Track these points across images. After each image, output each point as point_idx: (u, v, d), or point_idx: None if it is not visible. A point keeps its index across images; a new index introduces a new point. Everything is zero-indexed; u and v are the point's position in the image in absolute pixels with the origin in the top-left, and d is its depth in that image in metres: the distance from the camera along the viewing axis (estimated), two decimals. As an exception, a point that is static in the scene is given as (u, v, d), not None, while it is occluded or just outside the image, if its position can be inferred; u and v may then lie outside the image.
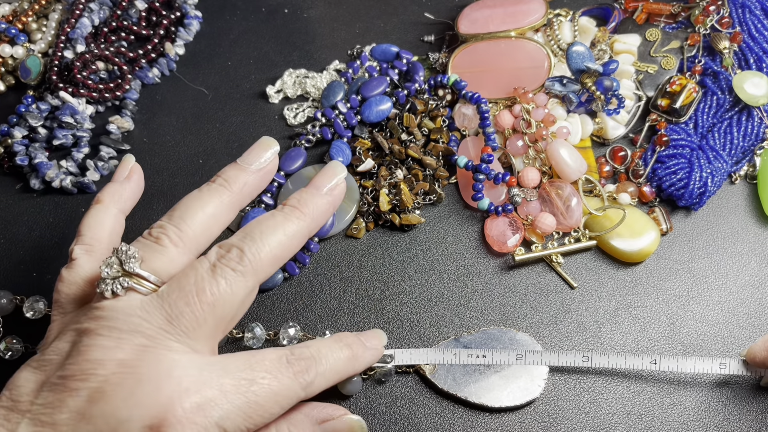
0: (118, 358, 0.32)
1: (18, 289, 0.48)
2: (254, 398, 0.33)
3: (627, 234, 0.48)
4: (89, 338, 0.33)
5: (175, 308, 0.33)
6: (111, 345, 0.32)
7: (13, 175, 0.54)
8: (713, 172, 0.49)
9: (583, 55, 0.52)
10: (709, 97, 0.52)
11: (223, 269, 0.35)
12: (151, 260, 0.36)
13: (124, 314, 0.33)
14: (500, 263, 0.49)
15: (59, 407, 0.31)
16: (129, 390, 0.31)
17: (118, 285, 0.34)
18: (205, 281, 0.34)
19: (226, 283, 0.34)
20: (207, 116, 0.56)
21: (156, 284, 0.35)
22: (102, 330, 0.33)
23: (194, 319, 0.33)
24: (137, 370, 0.31)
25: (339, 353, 0.38)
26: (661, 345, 0.45)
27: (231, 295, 0.34)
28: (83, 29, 0.57)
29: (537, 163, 0.51)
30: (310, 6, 0.62)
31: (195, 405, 0.31)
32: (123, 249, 0.35)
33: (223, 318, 0.34)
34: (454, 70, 0.54)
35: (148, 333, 0.33)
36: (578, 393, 0.44)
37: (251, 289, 0.36)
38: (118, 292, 0.34)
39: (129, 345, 0.32)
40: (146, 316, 0.33)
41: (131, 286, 0.34)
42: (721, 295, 0.47)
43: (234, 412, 0.32)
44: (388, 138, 0.52)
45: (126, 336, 0.32)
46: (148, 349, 0.32)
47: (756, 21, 0.54)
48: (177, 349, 0.33)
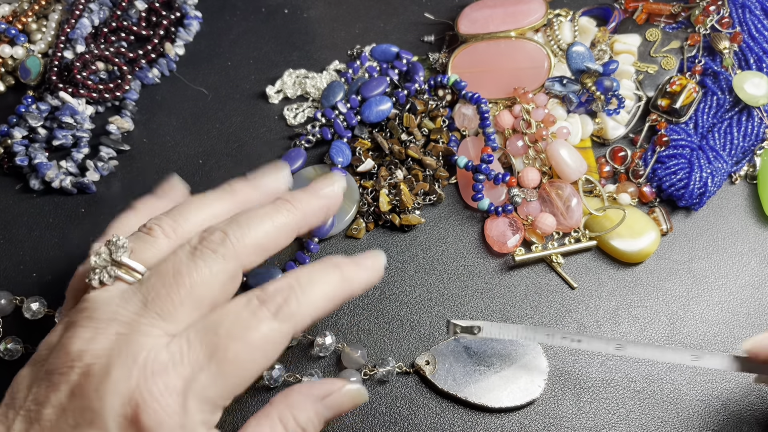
0: (94, 348, 0.31)
1: (18, 290, 0.48)
2: (230, 359, 0.32)
3: (627, 234, 0.48)
4: (71, 330, 0.32)
5: (152, 291, 0.33)
6: (89, 336, 0.32)
7: (13, 175, 0.54)
8: (713, 172, 0.49)
9: (583, 56, 0.52)
10: (709, 97, 0.52)
11: (203, 251, 0.34)
12: (140, 251, 0.35)
13: (104, 303, 0.33)
14: (500, 263, 0.49)
15: (44, 403, 0.31)
16: (100, 380, 0.31)
17: (105, 274, 0.34)
18: (183, 264, 0.33)
19: (204, 264, 0.33)
20: (207, 116, 0.56)
21: (143, 274, 0.34)
22: (83, 321, 0.32)
23: (170, 301, 0.32)
24: (109, 360, 0.31)
25: (325, 276, 0.35)
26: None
27: (210, 276, 0.33)
28: (83, 29, 0.57)
29: (537, 163, 0.51)
30: (310, 6, 0.62)
31: (165, 385, 0.31)
32: (113, 239, 0.35)
33: (202, 301, 0.33)
34: (454, 71, 0.54)
35: (124, 320, 0.32)
36: (578, 393, 0.44)
37: (232, 274, 0.34)
38: (106, 282, 0.34)
39: (105, 334, 0.32)
40: (123, 303, 0.33)
41: (118, 275, 0.34)
42: (722, 296, 0.47)
43: (210, 380, 0.31)
44: (388, 138, 0.52)
45: (103, 325, 0.32)
46: (122, 337, 0.32)
47: (756, 21, 0.54)
48: (150, 333, 0.32)
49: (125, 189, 0.53)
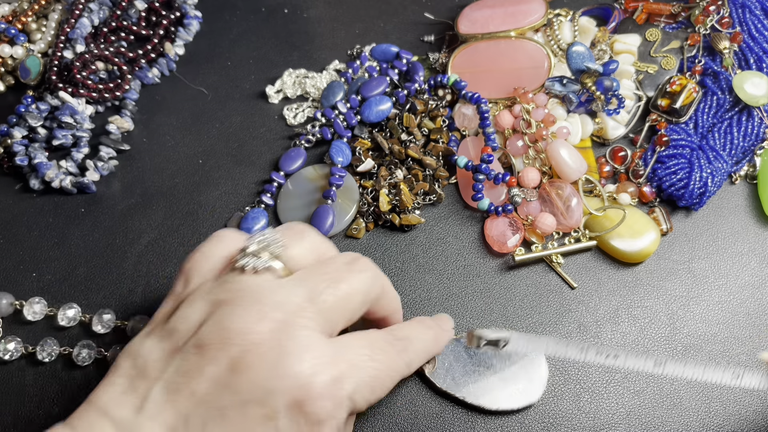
0: (260, 330, 0.32)
1: (17, 290, 0.48)
2: (375, 372, 0.34)
3: (627, 234, 0.48)
4: (228, 308, 0.33)
5: (316, 291, 0.35)
6: (251, 317, 0.33)
7: (13, 175, 0.54)
8: (713, 172, 0.49)
9: (583, 55, 0.52)
10: (709, 97, 0.52)
11: (358, 264, 0.37)
12: (290, 247, 0.37)
13: (266, 290, 0.34)
14: (500, 263, 0.49)
15: (196, 376, 0.32)
16: (274, 362, 0.32)
17: (261, 263, 0.35)
18: (343, 273, 0.36)
19: (360, 277, 0.36)
20: (207, 116, 0.56)
21: (287, 271, 0.36)
22: (242, 302, 0.33)
23: (332, 302, 0.35)
24: (280, 344, 0.32)
25: (425, 335, 0.40)
26: (661, 345, 0.45)
27: (359, 293, 0.36)
28: (83, 29, 0.57)
29: (537, 163, 0.51)
30: (309, 6, 0.62)
31: (331, 379, 0.32)
32: (269, 233, 0.37)
33: (346, 312, 0.36)
34: (454, 70, 0.54)
35: (288, 309, 0.33)
36: (578, 393, 0.44)
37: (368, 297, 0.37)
38: (259, 269, 0.35)
39: (270, 319, 0.33)
40: (288, 295, 0.34)
41: (270, 266, 0.35)
42: (722, 296, 0.47)
43: (361, 385, 0.34)
44: (388, 138, 0.52)
45: (267, 310, 0.33)
46: (287, 325, 0.33)
47: (756, 21, 0.54)
48: (312, 327, 0.34)
49: (125, 189, 0.53)
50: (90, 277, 0.49)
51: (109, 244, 0.50)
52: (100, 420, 0.32)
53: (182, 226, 0.51)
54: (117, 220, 0.51)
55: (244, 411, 0.31)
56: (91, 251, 0.50)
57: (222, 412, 0.31)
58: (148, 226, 0.51)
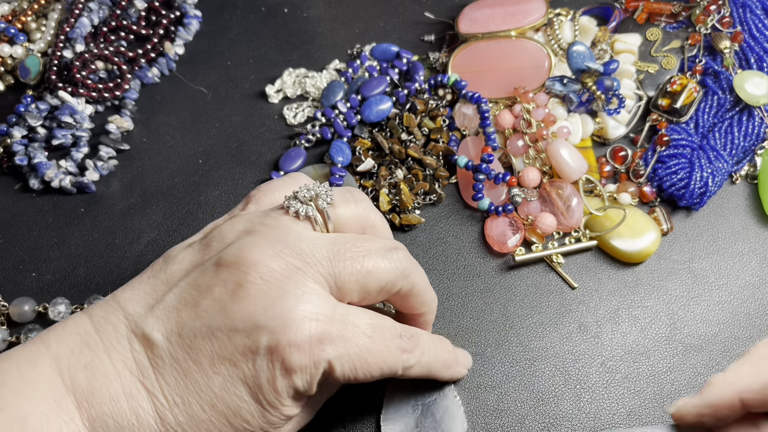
0: (271, 266, 0.33)
1: (17, 290, 0.48)
2: (366, 353, 0.35)
3: (627, 234, 0.48)
4: (254, 238, 0.35)
5: (341, 254, 0.35)
6: (270, 252, 0.34)
7: (13, 175, 0.54)
8: (714, 172, 0.49)
9: (583, 55, 0.52)
10: (709, 96, 0.52)
11: (394, 253, 0.37)
12: (339, 207, 0.38)
13: (296, 235, 0.35)
14: (500, 263, 0.49)
15: (205, 292, 0.34)
16: (271, 300, 0.33)
17: (304, 210, 0.36)
18: (375, 252, 0.36)
19: (389, 265, 0.36)
20: (206, 116, 0.56)
21: (329, 228, 0.37)
22: (269, 236, 0.35)
23: (350, 271, 0.35)
24: (283, 285, 0.33)
25: (438, 353, 0.40)
26: (661, 345, 0.45)
27: (385, 274, 0.36)
28: (82, 29, 0.57)
29: (537, 163, 0.51)
30: (309, 5, 0.62)
31: (317, 335, 0.33)
32: (324, 187, 0.37)
33: (364, 290, 0.36)
34: (454, 70, 0.54)
35: (307, 260, 0.34)
36: (578, 393, 0.44)
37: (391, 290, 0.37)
38: (300, 216, 0.36)
39: (285, 260, 0.34)
40: (313, 246, 0.35)
41: (313, 216, 0.36)
42: (722, 296, 0.47)
43: (346, 357, 0.34)
44: (388, 138, 0.52)
45: (287, 252, 0.34)
46: (299, 272, 0.34)
47: (757, 21, 0.53)
48: (322, 283, 0.34)
49: (125, 188, 0.53)
50: (90, 277, 0.49)
51: (108, 244, 0.50)
52: (115, 311, 0.35)
53: (182, 226, 0.51)
54: (117, 220, 0.51)
55: (231, 337, 0.33)
56: (90, 251, 0.50)
57: (212, 332, 0.33)
58: (147, 226, 0.51)
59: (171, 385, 0.33)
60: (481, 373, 0.44)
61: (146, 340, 0.34)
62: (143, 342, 0.34)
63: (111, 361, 0.33)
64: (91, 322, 0.35)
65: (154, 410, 0.33)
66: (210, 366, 0.33)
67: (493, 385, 0.44)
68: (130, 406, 0.33)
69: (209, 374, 0.33)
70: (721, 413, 0.35)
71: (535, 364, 0.45)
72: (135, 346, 0.34)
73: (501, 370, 0.45)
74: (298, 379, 0.33)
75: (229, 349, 0.33)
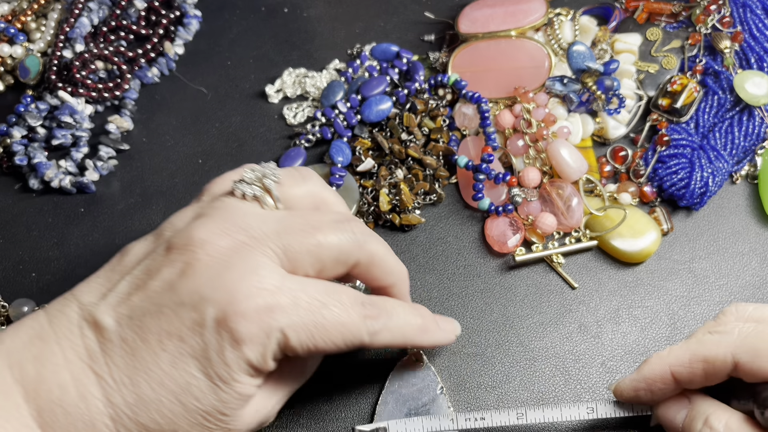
0: (219, 243, 0.34)
1: (16, 290, 0.48)
2: (322, 320, 0.34)
3: (628, 234, 0.48)
4: (202, 220, 0.35)
5: (289, 228, 0.35)
6: (217, 231, 0.34)
7: (12, 175, 0.54)
8: (714, 172, 0.49)
9: (583, 55, 0.52)
10: (710, 96, 0.52)
11: (345, 225, 0.37)
12: (287, 186, 0.38)
13: (241, 212, 0.35)
14: (500, 263, 0.49)
15: (155, 274, 0.34)
16: (216, 273, 0.33)
17: (250, 190, 0.37)
18: (325, 224, 0.36)
19: (341, 235, 0.36)
20: (206, 116, 0.56)
21: (278, 207, 0.37)
22: (216, 216, 0.35)
23: (299, 243, 0.35)
24: (229, 259, 0.33)
25: (410, 318, 0.39)
26: (662, 346, 0.45)
27: (337, 244, 0.36)
28: (82, 29, 0.57)
29: (537, 162, 0.51)
30: (309, 5, 0.62)
31: (266, 305, 0.33)
32: (271, 167, 0.38)
33: (318, 262, 0.36)
34: (454, 70, 0.54)
35: (254, 234, 0.34)
36: (578, 393, 0.44)
37: (350, 263, 0.37)
38: (248, 196, 0.37)
39: (232, 237, 0.34)
40: (259, 222, 0.35)
41: (260, 196, 0.37)
42: (722, 296, 0.47)
43: (300, 325, 0.34)
44: (388, 138, 0.52)
45: (233, 229, 0.34)
46: (246, 246, 0.34)
47: (757, 20, 0.53)
48: (270, 257, 0.34)
49: (124, 188, 0.53)
50: (89, 277, 0.49)
51: (108, 244, 0.50)
52: (70, 303, 0.35)
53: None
54: (116, 220, 0.51)
55: (178, 312, 0.33)
56: (90, 251, 0.50)
57: (160, 309, 0.33)
58: (147, 225, 0.51)
59: (119, 366, 0.33)
60: (481, 373, 0.44)
61: (97, 325, 0.34)
62: (95, 328, 0.34)
63: (61, 350, 0.33)
64: (46, 316, 0.35)
65: (102, 394, 0.33)
66: (158, 343, 0.33)
67: (493, 385, 0.44)
68: (78, 392, 0.33)
69: (157, 351, 0.33)
70: (655, 387, 0.37)
71: (535, 364, 0.45)
72: (87, 333, 0.34)
73: (501, 370, 0.45)
74: (249, 350, 0.33)
75: (177, 325, 0.33)
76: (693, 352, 0.36)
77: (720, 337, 0.36)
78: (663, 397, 0.38)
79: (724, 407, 0.36)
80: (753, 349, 0.34)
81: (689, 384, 0.37)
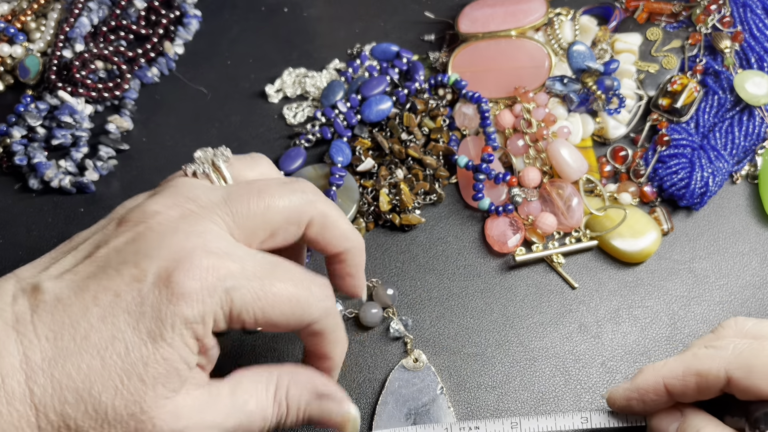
0: (169, 214, 0.34)
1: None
2: (271, 287, 0.33)
3: (628, 234, 0.48)
4: (153, 197, 0.36)
5: (235, 194, 0.35)
6: (168, 203, 0.35)
7: (12, 175, 0.54)
8: (714, 171, 0.49)
9: (584, 55, 0.52)
10: (710, 96, 0.52)
11: (293, 186, 0.37)
12: (237, 167, 0.38)
13: (191, 186, 0.36)
14: (501, 263, 0.48)
15: (103, 245, 0.34)
16: (162, 235, 0.33)
17: (200, 168, 0.38)
18: (272, 185, 0.36)
19: (289, 195, 0.36)
20: (206, 116, 0.56)
21: (228, 183, 0.38)
22: (166, 192, 0.36)
23: (247, 208, 0.35)
24: (177, 225, 0.33)
25: None
26: (662, 346, 0.45)
27: (283, 209, 0.36)
28: (82, 28, 0.57)
29: (538, 162, 0.51)
30: (309, 5, 0.62)
31: (212, 265, 0.32)
32: (221, 150, 0.39)
33: (268, 225, 0.36)
34: (454, 70, 0.54)
35: (202, 204, 0.35)
36: (578, 393, 0.44)
37: (299, 222, 0.37)
38: (198, 175, 0.37)
39: (181, 207, 0.34)
40: (207, 192, 0.35)
41: (208, 174, 0.37)
42: (723, 296, 0.47)
43: (247, 289, 0.33)
44: (388, 138, 0.52)
45: (182, 200, 0.35)
46: (194, 214, 0.34)
47: (757, 20, 0.53)
48: (219, 224, 0.34)
49: (124, 188, 0.53)
50: (89, 277, 0.49)
51: (108, 244, 0.50)
52: (7, 279, 0.34)
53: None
54: (116, 220, 0.51)
55: (119, 269, 0.32)
56: (90, 251, 0.50)
57: (103, 270, 0.32)
58: (147, 225, 0.51)
59: (46, 322, 0.31)
60: (481, 373, 0.44)
61: (35, 290, 0.32)
62: (31, 294, 0.32)
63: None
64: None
65: (20, 351, 0.31)
66: (92, 299, 0.32)
67: (493, 385, 0.44)
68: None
69: (89, 306, 0.31)
70: (647, 398, 0.37)
71: (535, 364, 0.45)
72: (18, 301, 0.32)
73: (501, 370, 0.45)
74: (188, 306, 0.31)
75: (116, 281, 0.32)
76: (687, 365, 0.36)
77: (715, 351, 0.36)
78: (655, 409, 0.38)
79: (716, 423, 0.36)
80: (746, 366, 0.34)
81: (682, 397, 0.37)
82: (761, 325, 0.37)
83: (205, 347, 0.33)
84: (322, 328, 0.36)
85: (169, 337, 0.31)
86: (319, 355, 0.37)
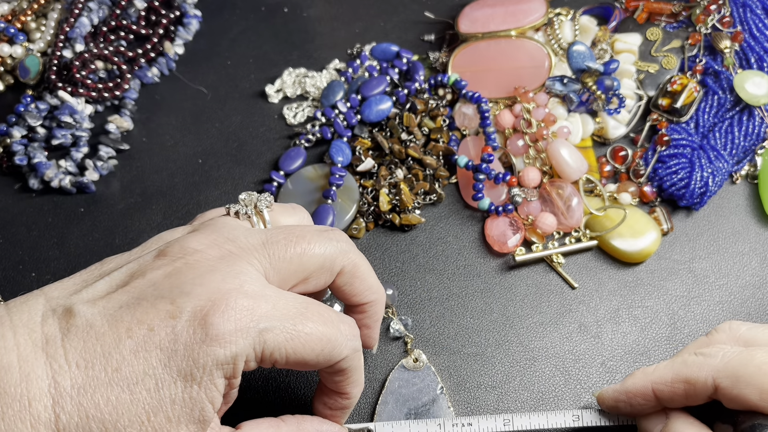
0: (209, 253, 0.34)
1: (16, 290, 0.48)
2: (302, 328, 0.34)
3: (628, 234, 0.48)
4: (194, 233, 0.36)
5: (273, 238, 0.36)
6: (208, 242, 0.35)
7: (12, 174, 0.54)
8: (714, 171, 0.49)
9: (583, 55, 0.52)
10: (710, 96, 0.52)
11: (329, 235, 0.37)
12: (277, 213, 0.40)
13: (231, 227, 0.36)
14: (501, 263, 0.48)
15: (139, 275, 0.34)
16: (200, 274, 0.33)
17: (242, 210, 0.39)
18: (309, 233, 0.37)
19: (325, 242, 0.37)
20: (206, 116, 0.56)
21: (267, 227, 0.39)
22: (207, 230, 0.36)
23: (284, 252, 0.36)
24: (215, 265, 0.34)
25: None
26: (661, 345, 0.45)
27: (317, 256, 0.36)
28: (82, 28, 0.57)
29: (537, 162, 0.51)
30: (309, 5, 0.62)
31: (247, 307, 0.32)
32: (264, 196, 0.40)
33: (302, 270, 0.36)
34: (454, 70, 0.54)
35: (240, 245, 0.35)
36: (578, 393, 0.44)
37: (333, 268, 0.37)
38: (240, 216, 0.38)
39: (220, 247, 0.35)
40: (247, 234, 0.36)
41: (251, 216, 0.38)
42: (722, 296, 0.47)
43: (280, 329, 0.33)
44: (388, 138, 0.52)
45: (222, 241, 0.35)
46: (233, 255, 0.34)
47: (757, 20, 0.53)
48: (256, 266, 0.35)
49: (124, 188, 0.53)
50: (89, 277, 0.49)
51: (108, 244, 0.50)
52: (36, 297, 0.34)
53: (182, 226, 0.51)
54: (116, 220, 0.51)
55: (155, 304, 0.32)
56: (90, 251, 0.50)
57: (138, 302, 0.32)
58: (147, 225, 0.51)
59: (77, 348, 0.31)
60: (481, 373, 0.44)
61: (66, 312, 0.32)
62: (62, 317, 0.32)
63: (14, 336, 0.32)
64: (5, 308, 0.33)
65: (49, 375, 0.31)
66: (126, 331, 0.31)
67: (493, 385, 0.44)
68: (22, 373, 0.31)
69: (122, 338, 0.31)
70: (635, 401, 0.38)
71: (535, 364, 0.45)
72: (48, 321, 0.32)
73: (501, 370, 0.45)
74: (221, 348, 0.31)
75: (151, 315, 0.32)
76: (676, 372, 0.36)
77: (704, 359, 0.36)
78: (642, 412, 0.38)
79: (699, 427, 0.36)
80: (734, 375, 0.34)
81: (669, 402, 0.37)
82: (754, 331, 0.38)
83: (232, 386, 0.33)
84: (347, 366, 0.36)
85: (200, 377, 0.31)
86: (338, 392, 0.38)
